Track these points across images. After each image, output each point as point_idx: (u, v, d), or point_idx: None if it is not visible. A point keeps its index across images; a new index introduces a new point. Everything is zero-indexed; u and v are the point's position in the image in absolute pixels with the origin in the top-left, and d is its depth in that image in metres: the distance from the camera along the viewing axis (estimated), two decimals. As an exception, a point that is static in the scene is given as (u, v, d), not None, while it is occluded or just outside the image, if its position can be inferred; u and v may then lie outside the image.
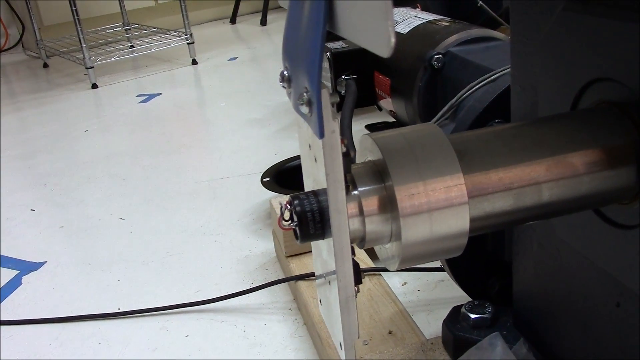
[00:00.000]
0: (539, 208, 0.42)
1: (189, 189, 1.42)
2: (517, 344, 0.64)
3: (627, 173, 0.43)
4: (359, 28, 0.29)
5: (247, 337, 0.89)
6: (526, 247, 0.63)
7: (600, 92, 0.46)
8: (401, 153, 0.40)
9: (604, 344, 0.53)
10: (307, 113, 0.37)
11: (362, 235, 0.41)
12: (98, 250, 1.18)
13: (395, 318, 0.83)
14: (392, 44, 0.26)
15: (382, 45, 0.27)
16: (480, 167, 0.41)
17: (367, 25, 0.28)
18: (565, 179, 0.42)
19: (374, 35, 0.27)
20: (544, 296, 0.62)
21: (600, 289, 0.51)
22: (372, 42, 0.28)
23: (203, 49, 2.75)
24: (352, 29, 0.30)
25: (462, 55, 1.06)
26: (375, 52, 0.28)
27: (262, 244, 1.13)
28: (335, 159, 0.37)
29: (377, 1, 0.26)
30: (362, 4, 0.28)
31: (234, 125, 1.82)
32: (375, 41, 0.27)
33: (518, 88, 0.59)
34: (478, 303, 0.70)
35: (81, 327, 0.96)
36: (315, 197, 0.40)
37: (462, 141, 0.42)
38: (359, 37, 0.30)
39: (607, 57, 0.45)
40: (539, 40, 0.53)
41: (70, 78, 2.60)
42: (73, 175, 1.58)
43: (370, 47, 0.28)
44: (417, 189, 0.39)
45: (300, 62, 0.37)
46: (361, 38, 0.29)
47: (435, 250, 0.41)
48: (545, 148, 0.42)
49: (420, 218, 0.39)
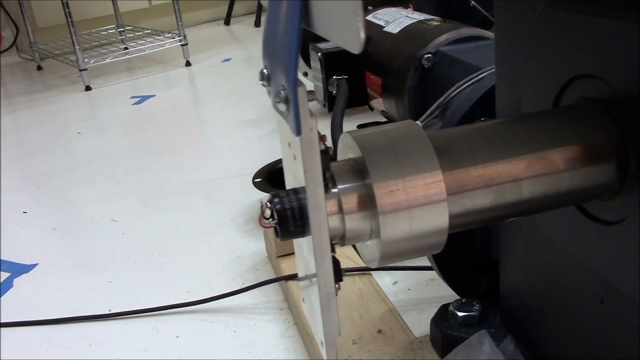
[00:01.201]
0: (520, 204, 0.42)
1: (182, 190, 1.42)
2: (505, 341, 0.65)
3: (608, 169, 0.43)
4: (332, 25, 0.29)
5: (238, 338, 0.89)
6: (513, 244, 0.63)
7: (581, 89, 0.46)
8: (380, 151, 0.40)
9: (589, 340, 0.53)
10: (284, 111, 0.37)
11: (342, 232, 0.41)
12: (90, 252, 1.18)
13: (385, 317, 0.83)
14: (362, 40, 0.26)
15: (353, 41, 0.27)
16: (460, 164, 0.41)
17: (338, 22, 0.28)
18: (546, 176, 0.42)
19: (345, 31, 0.28)
20: (530, 293, 0.62)
21: (585, 286, 0.51)
22: (344, 39, 0.28)
23: (197, 50, 2.75)
24: (326, 26, 0.30)
25: (452, 54, 1.06)
26: (347, 48, 0.28)
27: (254, 245, 1.13)
28: (314, 156, 0.37)
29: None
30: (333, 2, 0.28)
31: (227, 126, 1.82)
32: (347, 37, 0.27)
33: (503, 86, 0.59)
34: (466, 301, 0.70)
35: (72, 328, 0.96)
36: (295, 195, 0.40)
37: (442, 138, 0.43)
38: (332, 34, 0.30)
39: (589, 54, 0.45)
40: (522, 38, 0.53)
41: (64, 80, 2.59)
42: (66, 176, 1.58)
43: (342, 44, 0.28)
44: (396, 186, 0.39)
45: (277, 60, 0.37)
46: (334, 35, 0.29)
47: (415, 247, 0.41)
48: (525, 145, 0.42)
49: (399, 215, 0.39)
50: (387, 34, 1.26)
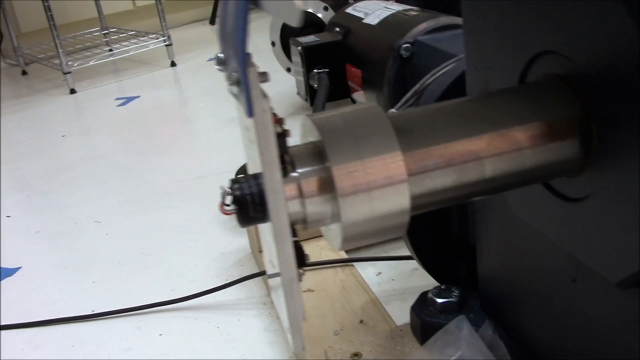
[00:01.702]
0: (483, 183, 0.42)
1: (166, 189, 1.41)
2: (483, 326, 0.64)
3: (571, 145, 0.43)
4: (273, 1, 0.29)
5: (221, 333, 0.88)
6: (488, 228, 0.62)
7: (545, 65, 0.46)
8: (339, 133, 0.40)
9: (563, 320, 0.52)
10: (237, 93, 0.36)
11: (303, 216, 0.40)
12: (74, 253, 1.17)
13: (367, 307, 0.82)
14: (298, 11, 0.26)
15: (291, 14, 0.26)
16: (421, 144, 0.41)
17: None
18: (508, 153, 0.42)
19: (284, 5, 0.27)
20: (507, 277, 0.62)
21: (557, 265, 0.51)
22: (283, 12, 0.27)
23: (182, 51, 2.74)
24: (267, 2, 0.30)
25: (430, 43, 1.06)
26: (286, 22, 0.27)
27: (237, 241, 1.12)
28: (268, 137, 0.36)
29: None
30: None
31: (212, 125, 1.82)
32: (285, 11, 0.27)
33: (472, 68, 0.58)
34: (445, 288, 0.70)
35: (55, 330, 0.95)
36: (254, 180, 0.40)
37: (403, 119, 0.42)
38: (273, 8, 0.29)
39: (551, 30, 0.44)
40: (488, 17, 0.53)
41: (49, 84, 2.58)
42: (50, 179, 1.57)
43: (283, 18, 0.28)
44: (355, 168, 0.39)
45: (230, 43, 0.36)
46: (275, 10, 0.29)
47: (377, 229, 0.40)
48: (486, 123, 0.42)
49: (359, 197, 0.39)
50: (367, 26, 1.26)
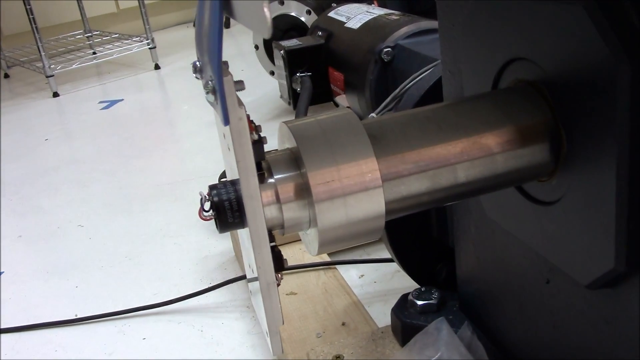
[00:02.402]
0: (456, 188, 0.43)
1: (150, 192, 1.41)
2: (462, 327, 0.65)
3: (542, 150, 0.44)
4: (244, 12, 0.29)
5: (204, 337, 0.89)
6: (465, 231, 0.63)
7: (516, 71, 0.47)
8: (315, 140, 0.40)
9: (538, 321, 0.54)
10: (213, 101, 0.37)
11: (280, 222, 0.41)
12: (56, 258, 1.17)
13: (349, 309, 0.83)
14: (268, 24, 0.26)
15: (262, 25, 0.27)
16: (395, 151, 0.41)
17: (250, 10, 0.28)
18: (480, 159, 0.43)
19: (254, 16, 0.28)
20: (484, 278, 0.63)
21: (531, 267, 0.52)
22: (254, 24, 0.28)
23: (166, 53, 2.74)
24: (241, 14, 0.30)
25: (410, 47, 1.07)
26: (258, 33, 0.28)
27: (221, 244, 1.13)
28: (244, 144, 0.37)
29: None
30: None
31: (196, 128, 1.82)
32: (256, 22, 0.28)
33: (448, 73, 0.59)
34: (425, 290, 0.71)
35: (38, 335, 0.95)
36: (232, 186, 0.41)
37: (377, 126, 0.43)
38: (245, 20, 0.30)
39: (520, 37, 0.45)
40: (461, 24, 0.54)
41: (31, 87, 2.57)
42: (32, 183, 1.56)
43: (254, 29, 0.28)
44: (331, 175, 0.39)
45: (205, 51, 0.37)
46: (247, 21, 0.30)
47: (353, 233, 0.41)
48: (459, 129, 0.43)
49: (335, 203, 0.39)
50: (348, 30, 1.27)
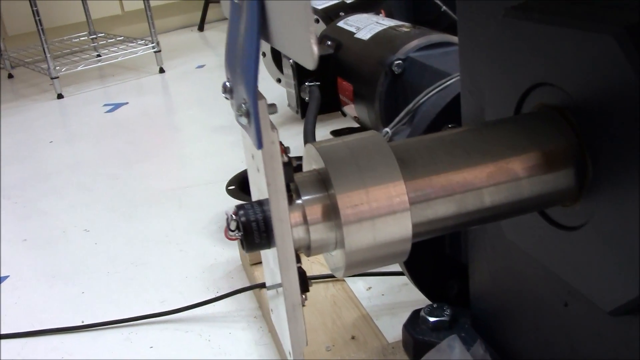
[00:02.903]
0: (482, 212, 0.43)
1: (154, 198, 1.41)
2: (475, 345, 0.65)
3: (567, 176, 0.44)
4: (288, 41, 0.30)
5: (212, 347, 0.89)
6: (480, 249, 0.63)
7: (541, 96, 0.47)
8: (344, 161, 0.41)
9: (554, 343, 0.54)
10: (246, 124, 0.37)
11: (307, 243, 0.41)
12: (62, 263, 1.17)
13: (358, 323, 0.83)
14: (315, 57, 0.27)
15: (307, 57, 0.27)
16: (422, 174, 0.42)
17: (293, 38, 0.28)
18: (506, 184, 0.43)
19: (299, 48, 0.28)
20: (498, 297, 0.63)
21: (549, 290, 0.52)
22: (299, 55, 0.28)
23: (170, 57, 2.74)
24: (282, 42, 0.31)
25: (421, 60, 1.07)
26: (302, 64, 0.28)
27: (227, 253, 1.13)
28: (276, 169, 0.37)
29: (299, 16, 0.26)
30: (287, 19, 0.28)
31: (200, 133, 1.82)
32: (301, 54, 0.28)
33: (467, 93, 0.60)
34: (437, 306, 0.71)
35: (44, 341, 0.95)
36: (260, 207, 0.41)
37: (405, 149, 0.43)
38: (288, 49, 0.30)
39: (546, 63, 0.46)
40: (483, 46, 0.54)
41: (35, 88, 2.57)
42: (37, 186, 1.56)
43: (298, 59, 0.29)
44: (359, 197, 0.40)
45: (238, 73, 0.37)
46: (290, 50, 0.30)
47: (379, 256, 0.41)
48: (485, 153, 0.43)
49: (363, 225, 0.40)
50: (358, 41, 1.27)
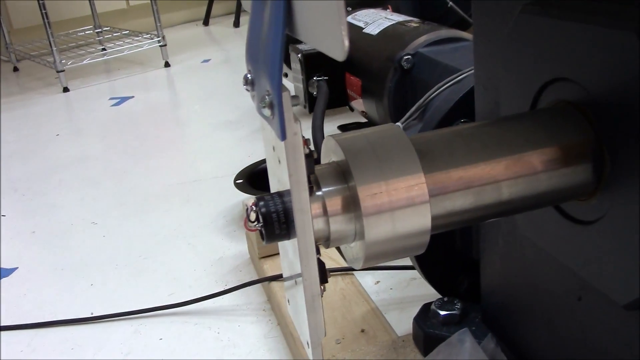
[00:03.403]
0: (499, 205, 0.43)
1: (162, 192, 1.41)
2: (485, 339, 0.66)
3: (584, 170, 0.44)
4: (315, 32, 0.30)
5: (221, 339, 0.89)
6: (492, 244, 0.64)
7: (557, 91, 0.47)
8: (363, 154, 0.41)
9: (567, 337, 0.54)
10: (269, 116, 0.37)
11: (326, 235, 0.42)
12: (71, 255, 1.18)
13: (368, 316, 0.83)
14: (346, 48, 0.27)
15: (337, 49, 0.27)
16: (441, 167, 0.42)
17: (322, 29, 0.29)
18: (524, 177, 0.43)
19: (328, 39, 0.28)
20: (510, 292, 0.63)
21: (562, 284, 0.53)
22: (328, 46, 0.29)
23: (176, 51, 2.74)
24: (309, 33, 0.31)
25: (431, 56, 1.07)
26: (331, 55, 0.29)
27: (235, 246, 1.13)
28: (298, 160, 0.37)
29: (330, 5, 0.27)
30: (316, 9, 0.29)
31: (207, 128, 1.82)
32: (331, 45, 0.28)
33: (481, 88, 0.60)
34: (447, 300, 0.71)
35: (54, 332, 0.95)
36: (280, 198, 0.41)
37: (423, 141, 0.43)
38: (316, 41, 0.30)
39: (564, 58, 0.46)
40: (499, 41, 0.54)
41: (41, 82, 2.57)
42: (44, 179, 1.56)
43: (326, 51, 0.29)
44: (379, 189, 0.40)
45: (261, 66, 0.37)
46: (317, 42, 0.30)
47: (398, 248, 0.41)
48: (504, 147, 0.43)
49: (383, 217, 0.40)
50: (367, 36, 1.27)
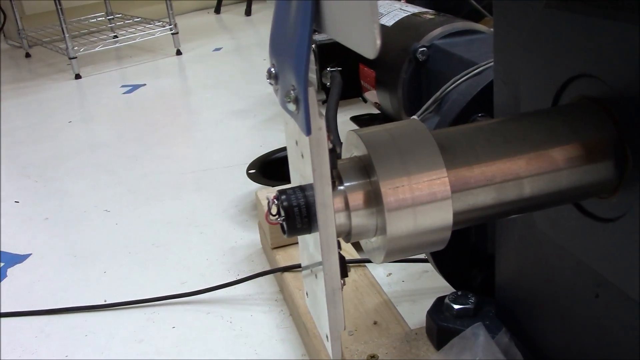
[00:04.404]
0: (521, 202, 0.43)
1: (173, 180, 1.42)
2: (499, 333, 0.66)
3: (606, 167, 0.44)
4: (345, 29, 0.30)
5: (234, 328, 0.90)
6: (508, 238, 0.64)
7: (580, 88, 0.47)
8: (386, 148, 0.41)
9: (583, 334, 0.54)
10: (294, 110, 0.37)
11: (348, 229, 0.42)
12: (83, 242, 1.18)
13: (380, 308, 0.84)
14: (377, 46, 0.27)
15: (368, 46, 0.27)
16: (463, 162, 0.42)
17: (353, 26, 0.29)
18: (546, 174, 0.43)
19: (359, 36, 0.28)
20: (525, 287, 0.63)
21: (580, 281, 0.53)
22: (358, 43, 0.28)
23: (187, 39, 2.74)
24: (338, 30, 0.31)
25: (446, 48, 1.07)
26: (361, 53, 0.28)
27: (247, 236, 1.14)
28: (322, 155, 0.37)
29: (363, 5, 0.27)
30: (348, 5, 0.29)
31: (218, 116, 1.82)
32: (361, 42, 0.28)
33: (501, 83, 0.60)
34: (461, 294, 0.71)
35: (67, 319, 0.96)
36: (302, 192, 0.41)
37: (445, 136, 0.43)
38: (345, 37, 0.30)
39: (587, 54, 0.46)
40: (521, 36, 0.54)
41: (52, 68, 2.58)
42: (57, 166, 1.57)
43: (356, 48, 0.29)
44: (402, 184, 0.40)
45: (287, 60, 0.37)
46: (347, 39, 0.30)
47: (420, 243, 0.41)
48: (526, 143, 0.43)
49: (405, 212, 0.40)
50: (382, 27, 1.27)
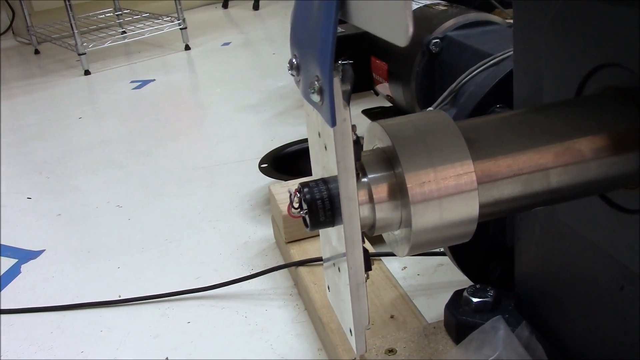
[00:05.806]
0: (547, 194, 0.43)
1: (185, 176, 1.42)
2: (520, 327, 0.65)
3: (633, 158, 0.43)
4: (374, 17, 0.29)
5: (249, 323, 0.89)
6: (528, 231, 0.63)
7: (605, 78, 0.46)
8: (411, 140, 0.40)
9: (607, 327, 0.53)
10: (317, 101, 0.37)
11: (372, 222, 0.41)
12: (96, 238, 1.18)
13: (396, 302, 0.83)
14: (410, 33, 0.26)
15: (400, 34, 0.27)
16: (489, 154, 0.41)
17: (383, 14, 0.28)
18: (573, 165, 0.42)
19: (390, 24, 0.27)
20: (546, 280, 0.62)
21: (604, 273, 0.52)
22: (388, 31, 0.28)
23: (196, 34, 2.73)
24: (367, 18, 0.30)
25: (459, 39, 1.06)
26: (391, 41, 0.28)
27: (261, 230, 1.13)
28: (347, 146, 0.37)
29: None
30: (378, -6, 0.28)
31: (228, 111, 1.82)
32: (392, 30, 0.27)
33: (521, 73, 0.59)
34: (480, 287, 0.71)
35: (82, 314, 0.96)
36: (325, 185, 0.41)
37: (470, 128, 0.43)
38: (374, 26, 0.30)
39: (613, 43, 0.45)
40: (543, 26, 0.53)
41: (62, 64, 2.58)
42: (68, 162, 1.57)
43: (386, 36, 0.28)
44: (427, 176, 0.39)
45: (310, 51, 0.37)
46: (376, 27, 0.29)
47: (445, 236, 0.41)
48: (552, 134, 0.43)
49: (431, 205, 0.39)
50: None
